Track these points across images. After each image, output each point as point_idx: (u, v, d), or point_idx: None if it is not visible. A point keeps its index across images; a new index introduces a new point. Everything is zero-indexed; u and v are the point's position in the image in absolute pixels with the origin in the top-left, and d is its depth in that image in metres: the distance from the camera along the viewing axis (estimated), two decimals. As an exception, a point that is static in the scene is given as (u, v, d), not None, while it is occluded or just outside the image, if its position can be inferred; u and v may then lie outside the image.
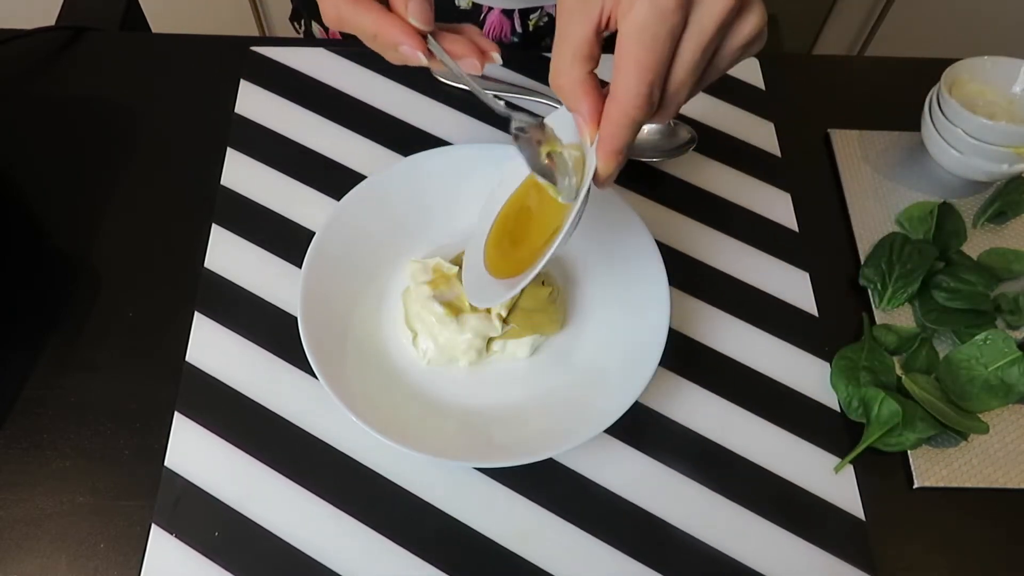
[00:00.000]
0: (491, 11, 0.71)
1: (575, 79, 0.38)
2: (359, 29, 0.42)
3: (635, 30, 0.35)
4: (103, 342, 0.55)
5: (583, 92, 0.38)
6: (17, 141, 0.64)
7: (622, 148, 0.38)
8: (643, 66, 0.35)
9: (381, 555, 0.48)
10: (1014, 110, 0.60)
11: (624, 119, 0.37)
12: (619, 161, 0.39)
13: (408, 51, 0.41)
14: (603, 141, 0.38)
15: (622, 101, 0.36)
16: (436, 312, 0.51)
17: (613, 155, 0.38)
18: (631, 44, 0.35)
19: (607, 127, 0.38)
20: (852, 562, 0.49)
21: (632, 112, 0.36)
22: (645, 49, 0.35)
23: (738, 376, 0.55)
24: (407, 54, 0.42)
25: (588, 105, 0.38)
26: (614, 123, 0.37)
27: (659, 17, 0.34)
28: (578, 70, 0.38)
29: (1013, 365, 0.52)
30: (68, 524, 0.49)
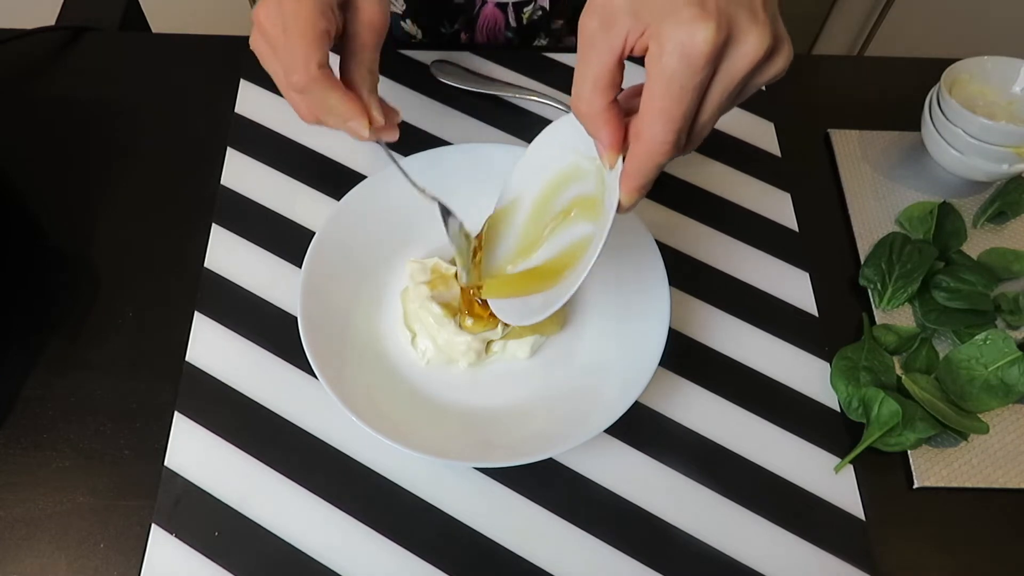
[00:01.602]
0: (485, 5, 0.71)
1: (597, 108, 0.38)
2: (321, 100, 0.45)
3: (664, 81, 0.34)
4: (103, 342, 0.55)
5: (604, 121, 0.38)
6: (17, 141, 0.64)
7: (646, 185, 0.38)
8: (671, 116, 0.35)
9: (381, 555, 0.48)
10: (1014, 110, 0.60)
11: (650, 162, 0.37)
12: (642, 195, 0.39)
13: (355, 127, 0.46)
14: (628, 177, 0.38)
15: (648, 146, 0.37)
16: (434, 312, 0.51)
17: (637, 191, 0.39)
18: (660, 93, 0.35)
19: (632, 164, 0.38)
20: (852, 562, 0.49)
21: (657, 157, 0.37)
22: (674, 100, 0.35)
23: (738, 376, 0.55)
24: (354, 128, 0.46)
25: (609, 134, 0.38)
26: (639, 163, 0.38)
27: (689, 70, 0.34)
28: (600, 99, 0.37)
29: (1013, 365, 0.52)
30: (68, 524, 0.49)
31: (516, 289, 0.47)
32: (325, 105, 0.45)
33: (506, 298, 0.48)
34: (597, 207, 0.43)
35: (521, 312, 0.46)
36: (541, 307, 0.44)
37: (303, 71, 0.44)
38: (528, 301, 0.46)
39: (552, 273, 0.46)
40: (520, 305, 0.47)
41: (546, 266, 0.47)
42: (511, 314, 0.47)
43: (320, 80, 0.44)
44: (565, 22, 0.74)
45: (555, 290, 0.44)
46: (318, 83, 0.44)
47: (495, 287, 0.49)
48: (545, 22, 0.72)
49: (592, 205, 0.44)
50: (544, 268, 0.47)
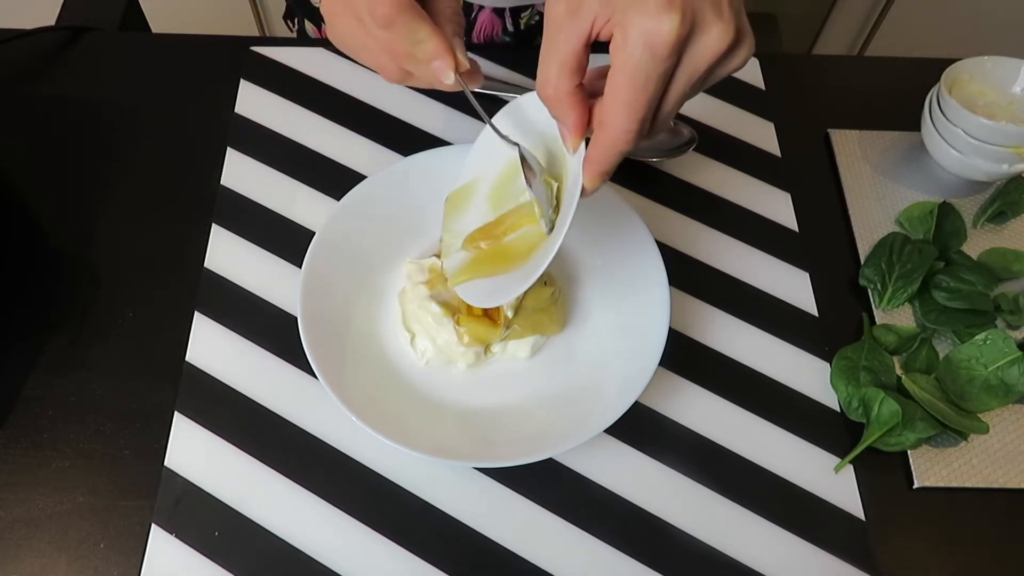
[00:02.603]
0: (482, 10, 0.71)
1: (562, 91, 0.38)
2: (408, 32, 0.42)
3: (628, 70, 0.35)
4: (103, 342, 0.55)
5: (569, 105, 0.38)
6: (17, 141, 0.64)
7: (609, 171, 0.39)
8: (634, 106, 0.36)
9: (381, 555, 0.48)
10: (1014, 110, 0.60)
11: (612, 149, 0.38)
12: (605, 180, 0.40)
13: (441, 66, 0.43)
14: (591, 163, 0.39)
15: (611, 134, 0.37)
16: (433, 312, 0.51)
17: (600, 176, 0.39)
18: (623, 83, 0.35)
19: (595, 151, 0.38)
20: (852, 562, 0.49)
21: (620, 145, 0.37)
22: (636, 90, 0.35)
23: (738, 376, 0.55)
24: (439, 68, 0.43)
25: (574, 118, 0.39)
26: (602, 151, 0.38)
27: (653, 60, 0.35)
28: (565, 83, 0.38)
29: (1013, 365, 0.52)
30: (68, 524, 0.49)
31: (478, 271, 0.47)
32: (412, 41, 0.42)
33: (469, 280, 0.47)
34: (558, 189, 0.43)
35: (485, 293, 0.46)
36: (506, 289, 0.44)
37: (388, 1, 0.41)
38: (493, 282, 0.46)
39: (516, 255, 0.45)
40: (485, 286, 0.46)
41: (508, 247, 0.47)
42: (475, 296, 0.47)
43: (409, 10, 0.41)
44: None
45: (521, 271, 0.44)
46: (406, 13, 0.41)
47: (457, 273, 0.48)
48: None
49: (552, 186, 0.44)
50: (505, 249, 0.47)
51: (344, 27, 0.45)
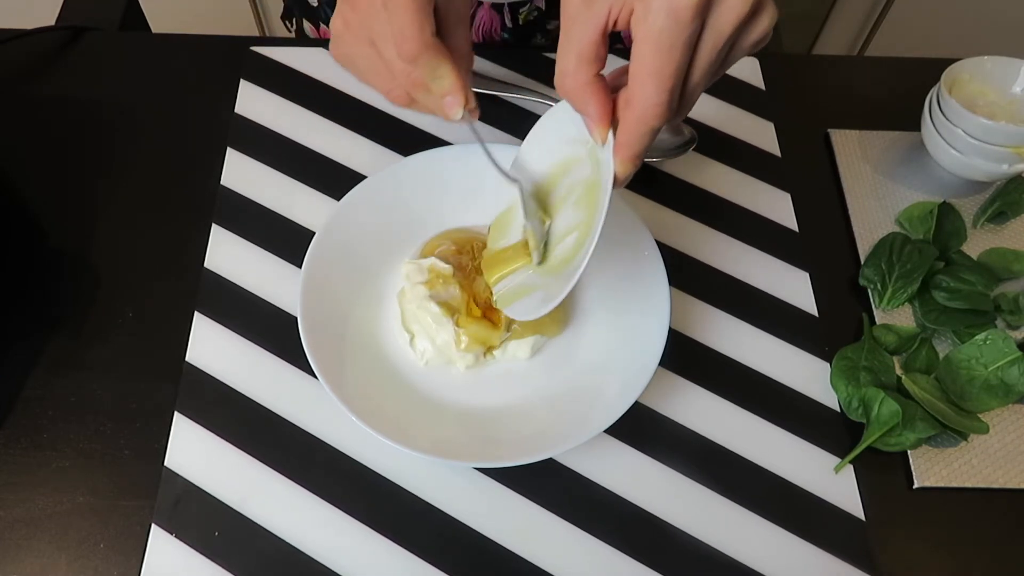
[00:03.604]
0: (481, 6, 0.71)
1: (582, 82, 0.38)
2: (430, 68, 0.42)
3: (652, 38, 0.34)
4: (103, 342, 0.55)
5: (590, 95, 0.38)
6: (17, 141, 0.64)
7: (640, 153, 0.38)
8: (662, 75, 0.35)
9: (381, 555, 0.48)
10: (1014, 110, 0.60)
11: (642, 127, 0.37)
12: (637, 165, 0.39)
13: (453, 102, 0.44)
14: (621, 147, 0.38)
15: (640, 109, 0.36)
16: (432, 311, 0.51)
17: (631, 160, 0.38)
18: (648, 52, 0.35)
19: (625, 134, 0.38)
20: (852, 562, 0.49)
21: (651, 120, 0.36)
22: (663, 58, 0.35)
23: (738, 376, 0.55)
24: (450, 104, 0.44)
25: (597, 107, 0.38)
26: (632, 131, 0.37)
27: (677, 25, 0.34)
28: (584, 73, 0.37)
29: (1013, 365, 0.52)
30: (68, 524, 0.49)
31: (524, 291, 0.47)
32: (433, 76, 0.43)
33: (517, 301, 0.47)
34: (594, 189, 0.43)
35: (530, 307, 0.46)
36: (546, 298, 0.44)
37: (417, 39, 0.41)
38: (538, 296, 0.46)
39: (554, 265, 0.45)
40: (531, 301, 0.46)
41: (548, 262, 0.47)
42: (520, 311, 0.47)
43: (434, 48, 0.42)
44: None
45: (558, 279, 0.44)
46: (431, 51, 0.42)
47: (503, 298, 0.48)
48: (541, 22, 0.72)
49: (590, 189, 0.43)
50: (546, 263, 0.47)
51: (354, 48, 0.45)
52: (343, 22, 0.45)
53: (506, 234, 0.49)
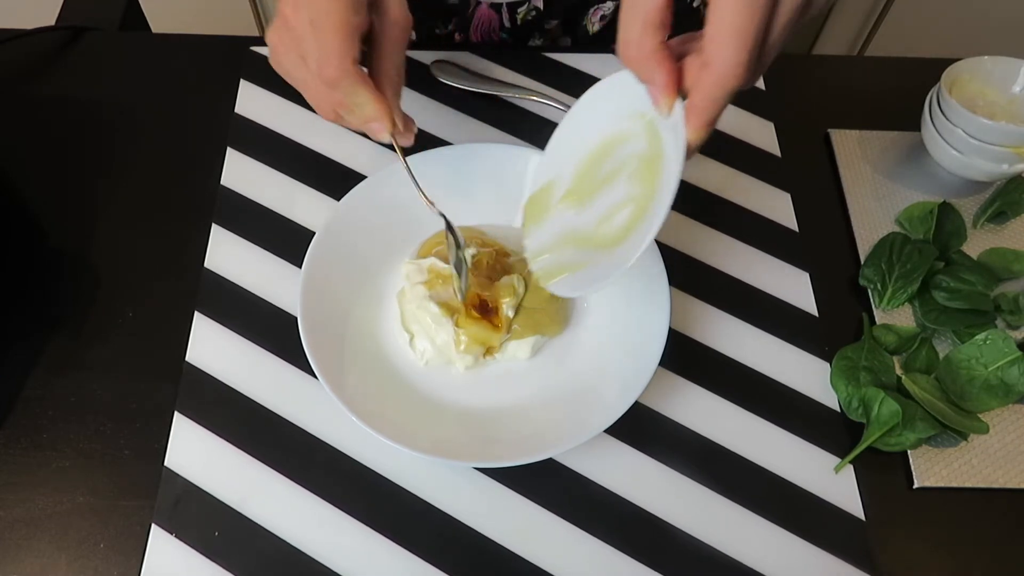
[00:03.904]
0: (479, 5, 0.71)
1: (648, 50, 0.36)
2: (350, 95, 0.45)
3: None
4: (103, 342, 0.55)
5: (657, 62, 0.37)
6: (17, 141, 0.64)
7: (715, 119, 0.37)
8: (744, 33, 0.34)
9: (381, 555, 0.48)
10: (1014, 110, 0.60)
11: (720, 90, 0.35)
12: (710, 132, 0.37)
13: (378, 128, 0.47)
14: (697, 112, 0.36)
15: (719, 70, 0.35)
16: (432, 311, 0.51)
17: (705, 126, 0.37)
18: (729, 10, 0.33)
19: (701, 99, 0.36)
20: (852, 562, 0.49)
21: (731, 81, 0.35)
22: (745, 15, 0.33)
23: (738, 376, 0.55)
24: (376, 130, 0.47)
25: (664, 76, 0.37)
26: (709, 94, 0.36)
27: None
28: (650, 40, 0.36)
29: (1013, 365, 0.52)
30: (68, 524, 0.49)
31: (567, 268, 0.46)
32: (353, 102, 0.45)
33: (561, 277, 0.46)
34: (652, 163, 0.41)
35: (576, 284, 0.45)
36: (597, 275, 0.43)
37: (337, 65, 0.43)
38: (585, 273, 0.45)
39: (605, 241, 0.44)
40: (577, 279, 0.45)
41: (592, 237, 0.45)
42: (566, 288, 0.46)
43: (353, 75, 0.44)
44: (559, 22, 0.74)
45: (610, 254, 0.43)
46: (350, 78, 0.43)
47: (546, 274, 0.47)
48: (539, 22, 0.72)
49: (648, 162, 0.42)
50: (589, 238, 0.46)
51: (288, 61, 0.47)
52: (278, 38, 0.47)
53: (541, 215, 0.49)
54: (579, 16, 0.74)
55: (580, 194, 0.47)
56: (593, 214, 0.46)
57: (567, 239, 0.47)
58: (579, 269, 0.45)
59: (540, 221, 0.49)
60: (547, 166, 0.48)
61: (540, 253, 0.48)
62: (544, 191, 0.48)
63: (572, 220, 0.47)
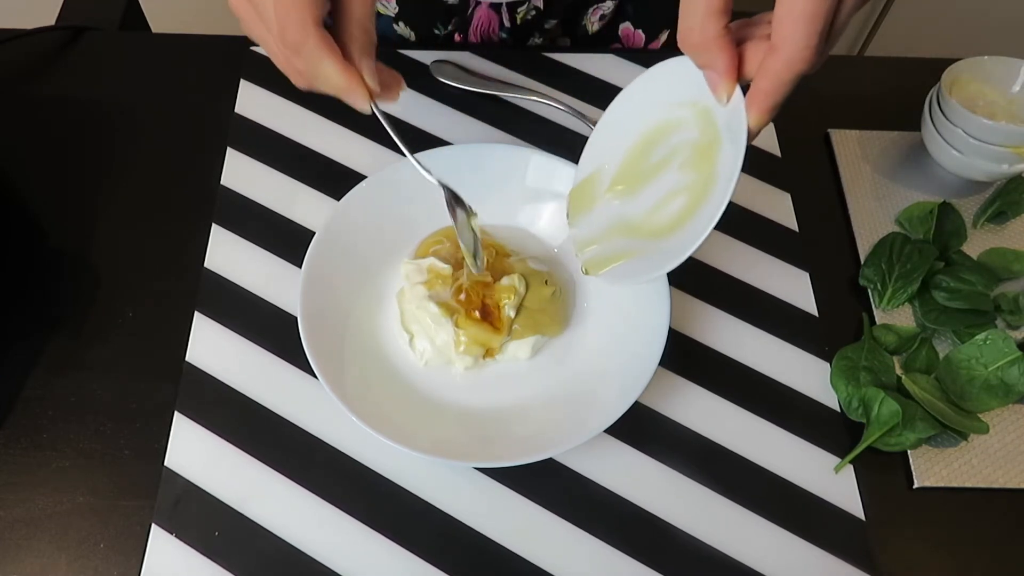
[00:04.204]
0: (479, 5, 0.71)
1: (711, 35, 0.36)
2: (314, 63, 0.42)
3: None
4: (103, 342, 0.55)
5: (719, 48, 0.36)
6: (17, 141, 0.64)
7: (780, 103, 0.36)
8: (815, 16, 0.33)
9: (381, 555, 0.48)
10: (1014, 110, 0.60)
11: (788, 73, 0.35)
12: (772, 116, 0.37)
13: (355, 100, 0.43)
14: (762, 96, 0.36)
15: (788, 54, 0.34)
16: (431, 312, 0.51)
17: (769, 111, 0.37)
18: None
19: (767, 82, 0.36)
20: (852, 562, 0.49)
21: (799, 65, 0.35)
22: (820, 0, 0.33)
23: (738, 376, 0.55)
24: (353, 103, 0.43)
25: (726, 61, 0.37)
26: (775, 78, 0.35)
27: None
28: (713, 25, 0.36)
29: (1013, 365, 0.52)
30: (68, 524, 0.49)
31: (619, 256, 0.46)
32: (318, 70, 0.42)
33: (611, 266, 0.46)
34: (707, 151, 0.41)
35: (631, 272, 0.45)
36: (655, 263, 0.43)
37: (297, 29, 0.41)
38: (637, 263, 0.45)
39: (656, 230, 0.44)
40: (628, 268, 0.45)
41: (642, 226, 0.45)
42: (619, 276, 0.46)
43: (315, 39, 0.41)
44: (559, 22, 0.74)
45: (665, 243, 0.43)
46: (312, 41, 0.41)
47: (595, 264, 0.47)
48: (539, 22, 0.72)
49: (702, 151, 0.42)
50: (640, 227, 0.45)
51: (255, 28, 0.44)
52: (241, 3, 0.44)
53: (588, 204, 0.48)
54: (578, 16, 0.74)
55: (629, 183, 0.46)
56: (643, 203, 0.45)
57: (616, 228, 0.47)
58: (632, 257, 0.45)
59: (587, 211, 0.48)
60: (591, 156, 0.48)
61: (588, 243, 0.48)
62: (589, 181, 0.48)
63: (620, 209, 0.46)
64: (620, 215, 0.46)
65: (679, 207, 0.43)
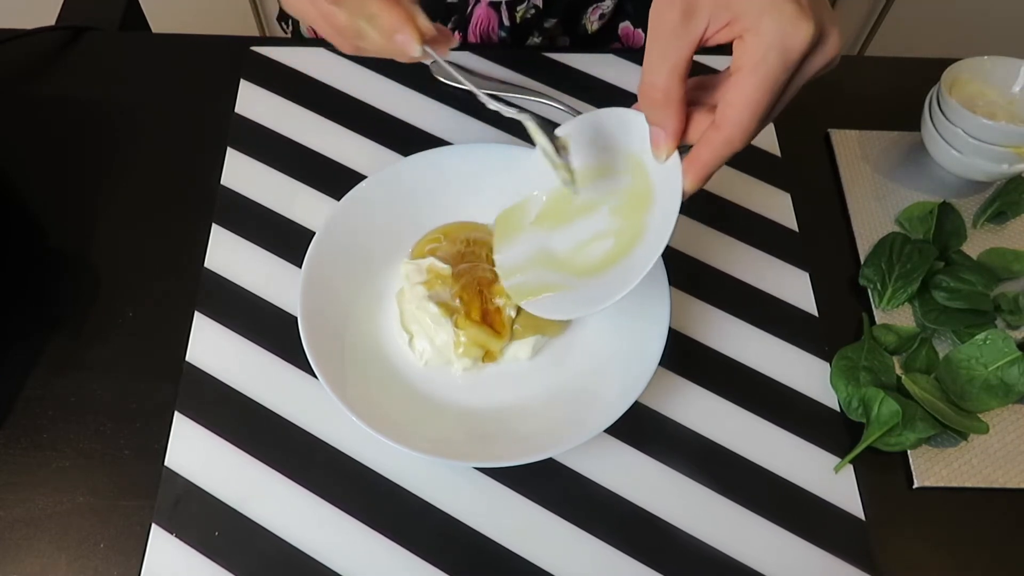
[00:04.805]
0: (478, 4, 0.71)
1: (673, 97, 0.38)
2: (358, 6, 0.41)
3: (761, 74, 0.36)
4: (103, 342, 0.55)
5: (676, 111, 0.39)
6: (17, 141, 0.64)
7: (713, 172, 0.39)
8: (759, 107, 0.36)
9: (381, 555, 0.48)
10: (1014, 110, 0.60)
11: (727, 149, 0.38)
12: (706, 182, 0.40)
13: (404, 40, 0.42)
14: (700, 164, 0.39)
15: (729, 135, 0.37)
16: (431, 312, 0.51)
17: (704, 180, 0.39)
18: (752, 85, 0.36)
19: (707, 155, 0.39)
20: (852, 562, 0.49)
21: (736, 145, 0.38)
22: (766, 92, 0.36)
23: (738, 376, 0.55)
24: (403, 42, 0.42)
25: (677, 125, 0.39)
26: (716, 151, 0.38)
27: (785, 67, 0.36)
28: (676, 90, 0.38)
29: (1013, 365, 0.52)
30: (68, 524, 0.49)
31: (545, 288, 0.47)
32: (365, 14, 0.41)
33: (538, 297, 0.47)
34: (638, 201, 0.43)
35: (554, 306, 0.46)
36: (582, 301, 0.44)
37: None
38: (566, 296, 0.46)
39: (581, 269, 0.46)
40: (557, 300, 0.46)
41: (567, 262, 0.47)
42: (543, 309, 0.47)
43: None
44: (558, 21, 0.74)
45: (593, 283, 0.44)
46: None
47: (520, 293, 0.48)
48: (538, 21, 0.72)
49: (634, 198, 0.43)
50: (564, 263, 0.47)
51: (292, 5, 0.44)
52: None
53: (513, 232, 0.49)
54: (578, 15, 0.74)
55: (556, 217, 0.47)
56: (568, 239, 0.47)
57: (540, 260, 0.48)
58: (558, 291, 0.46)
59: (512, 238, 0.49)
60: (524, 181, 0.49)
61: (513, 272, 0.49)
62: (518, 208, 0.49)
63: (545, 242, 0.48)
64: (545, 247, 0.48)
65: (605, 250, 0.45)
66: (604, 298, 0.43)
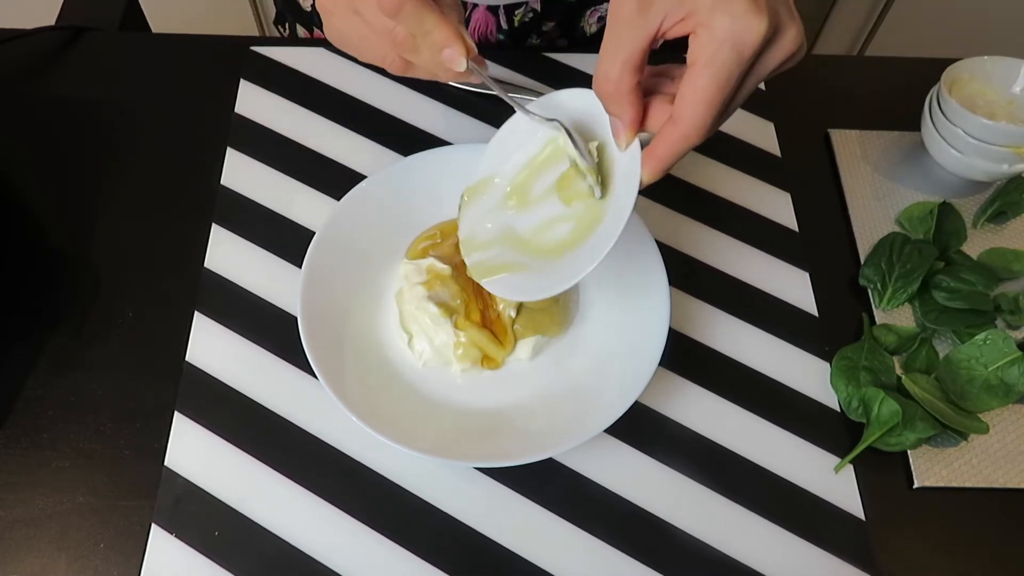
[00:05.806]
0: (476, 8, 0.71)
1: (625, 88, 0.38)
2: (416, 20, 0.41)
3: (714, 69, 0.36)
4: (103, 342, 0.55)
5: (629, 102, 0.39)
6: (17, 141, 0.64)
7: (670, 166, 0.40)
8: (714, 101, 0.37)
9: (381, 555, 0.48)
10: (1014, 110, 0.60)
11: (683, 143, 0.38)
12: (664, 174, 0.40)
13: (452, 54, 0.42)
14: (656, 159, 0.39)
15: (686, 128, 0.38)
16: (431, 312, 0.51)
17: (662, 172, 0.40)
18: (706, 80, 0.36)
19: (664, 146, 0.39)
20: (852, 562, 0.49)
21: (693, 139, 0.38)
22: (720, 88, 0.36)
23: (738, 376, 0.55)
24: (450, 56, 0.43)
25: (632, 114, 0.39)
26: (672, 145, 0.39)
27: (738, 61, 0.36)
28: (628, 79, 0.38)
29: (1013, 365, 0.52)
30: (68, 524, 0.49)
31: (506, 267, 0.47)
32: (420, 30, 0.42)
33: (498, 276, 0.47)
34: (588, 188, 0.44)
35: (513, 287, 0.46)
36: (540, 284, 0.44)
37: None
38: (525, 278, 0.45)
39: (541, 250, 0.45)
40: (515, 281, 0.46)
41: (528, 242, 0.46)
42: (502, 289, 0.47)
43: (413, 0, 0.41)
44: (556, 24, 0.74)
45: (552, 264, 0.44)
46: (413, 2, 0.41)
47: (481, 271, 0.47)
48: (536, 24, 0.72)
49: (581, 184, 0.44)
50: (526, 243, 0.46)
51: (342, 21, 0.45)
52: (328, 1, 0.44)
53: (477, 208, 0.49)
54: (576, 17, 0.74)
55: (521, 197, 0.47)
56: (531, 219, 0.47)
57: (503, 238, 0.47)
58: (517, 271, 0.46)
59: (477, 215, 0.49)
60: (491, 159, 0.48)
61: (475, 249, 0.48)
62: (484, 183, 0.49)
63: (510, 221, 0.47)
64: (509, 226, 0.47)
65: (565, 233, 0.45)
66: (557, 284, 0.43)
